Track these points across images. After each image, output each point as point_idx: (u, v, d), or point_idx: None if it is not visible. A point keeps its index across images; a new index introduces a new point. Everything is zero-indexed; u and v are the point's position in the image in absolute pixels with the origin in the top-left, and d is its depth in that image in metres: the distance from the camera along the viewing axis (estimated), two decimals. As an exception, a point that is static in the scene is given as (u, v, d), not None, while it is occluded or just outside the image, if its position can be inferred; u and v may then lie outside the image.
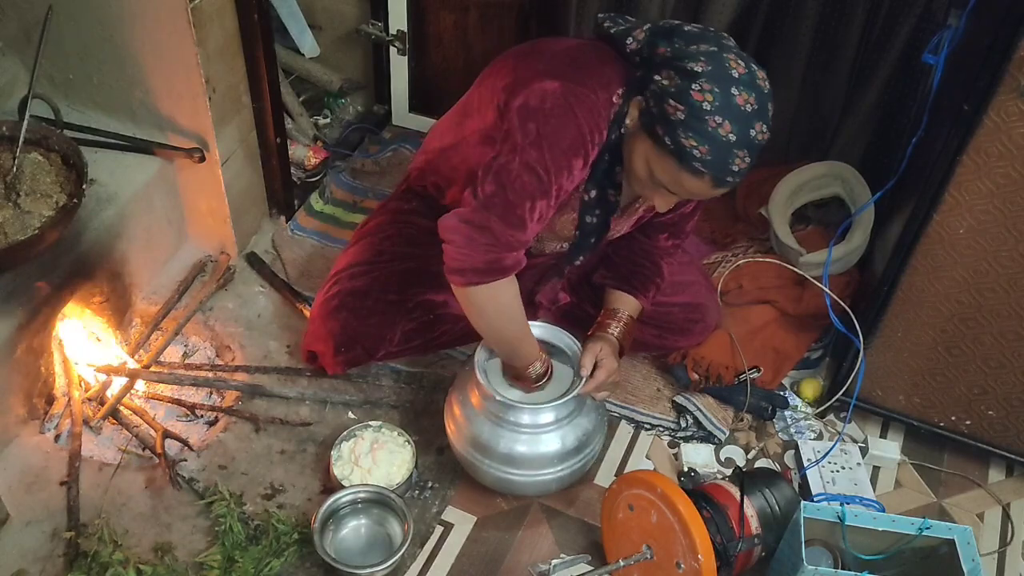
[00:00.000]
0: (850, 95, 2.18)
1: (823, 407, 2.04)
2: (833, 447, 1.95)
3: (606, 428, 1.84)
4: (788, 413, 2.06)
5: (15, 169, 1.76)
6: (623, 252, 1.86)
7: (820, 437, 2.03)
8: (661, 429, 2.02)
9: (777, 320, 2.09)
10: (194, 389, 1.99)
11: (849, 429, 2.04)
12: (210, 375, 2.00)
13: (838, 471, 1.92)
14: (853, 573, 1.54)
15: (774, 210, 2.16)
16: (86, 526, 1.71)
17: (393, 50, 2.59)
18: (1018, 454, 1.92)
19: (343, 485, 1.77)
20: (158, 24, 1.84)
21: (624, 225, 1.76)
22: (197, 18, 1.81)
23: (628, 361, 2.12)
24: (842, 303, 1.97)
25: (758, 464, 1.97)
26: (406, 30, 2.53)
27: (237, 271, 2.25)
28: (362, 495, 1.75)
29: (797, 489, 1.89)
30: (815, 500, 1.84)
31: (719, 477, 1.91)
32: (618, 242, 1.85)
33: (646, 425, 2.02)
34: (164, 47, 1.88)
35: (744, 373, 2.01)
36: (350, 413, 1.97)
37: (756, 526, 1.67)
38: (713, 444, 1.99)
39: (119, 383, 1.93)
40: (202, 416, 1.97)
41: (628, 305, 1.82)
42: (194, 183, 2.13)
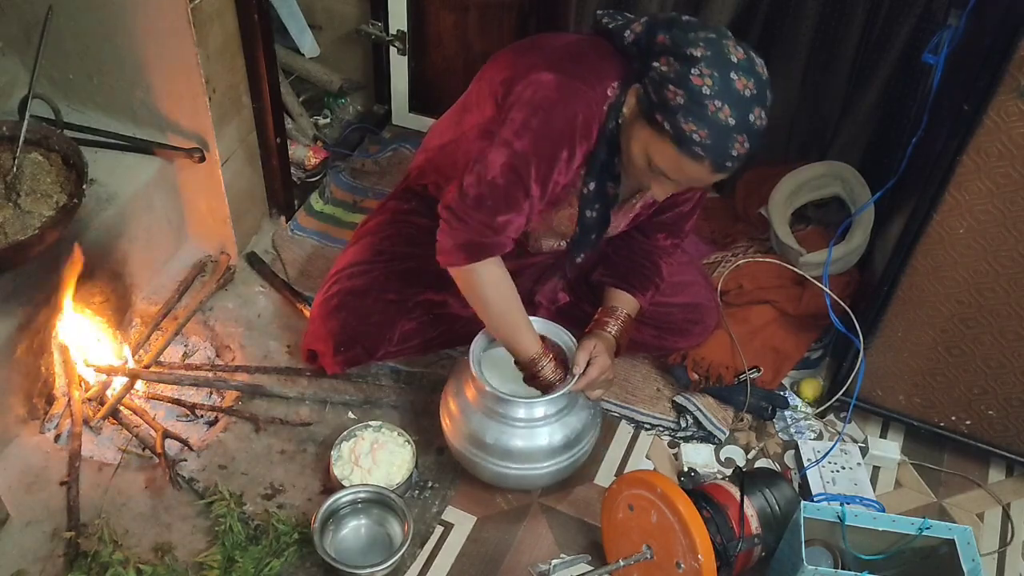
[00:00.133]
0: (850, 95, 2.18)
1: (823, 407, 2.04)
2: (833, 447, 1.95)
3: (600, 422, 1.83)
4: (788, 413, 2.06)
5: (15, 169, 1.76)
6: (622, 251, 1.86)
7: (820, 437, 2.03)
8: (661, 429, 2.02)
9: (777, 320, 2.09)
10: (194, 389, 1.99)
11: (849, 429, 2.04)
12: (210, 375, 2.00)
13: (838, 471, 1.92)
14: (853, 573, 1.53)
15: (774, 210, 2.16)
16: (86, 526, 1.71)
17: (393, 50, 2.59)
18: (1018, 454, 1.92)
19: (343, 485, 1.77)
20: (158, 24, 1.84)
21: (621, 222, 1.76)
22: (197, 18, 1.81)
23: (628, 361, 2.12)
24: (842, 303, 1.97)
25: (758, 464, 1.97)
26: (406, 30, 2.53)
27: (237, 271, 2.25)
28: (362, 495, 1.75)
29: (797, 489, 1.89)
30: (815, 500, 1.84)
31: (719, 477, 1.91)
32: (617, 241, 1.85)
33: (646, 425, 2.02)
34: (164, 47, 1.88)
35: (744, 373, 2.01)
36: (350, 413, 1.97)
37: (756, 526, 1.67)
38: (713, 444, 1.99)
39: (119, 383, 1.93)
40: (202, 416, 1.97)
41: (626, 304, 1.82)
42: (194, 183, 2.13)
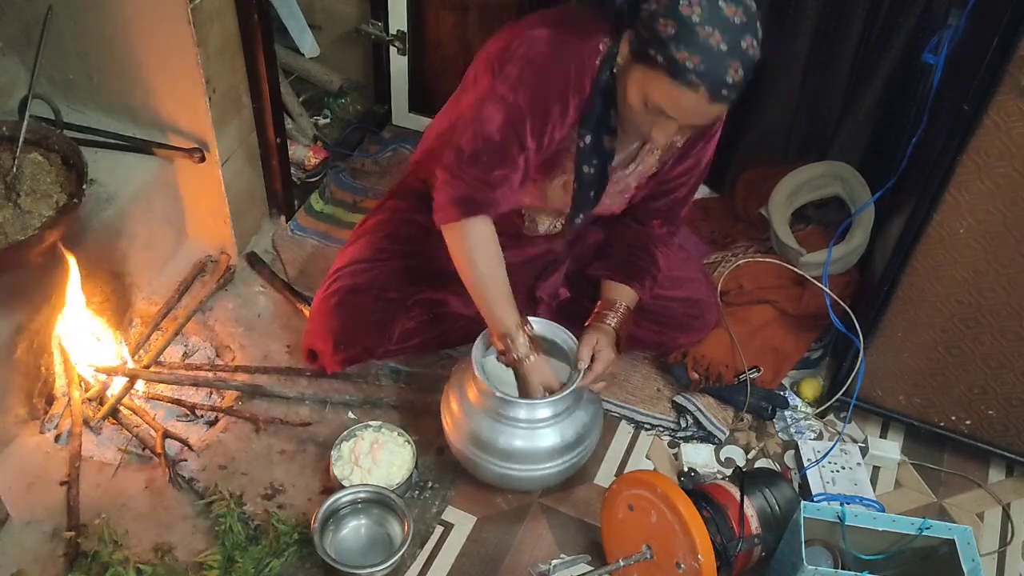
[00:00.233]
0: (850, 95, 2.18)
1: (823, 407, 2.04)
2: (833, 447, 1.95)
3: (602, 421, 1.83)
4: (788, 413, 2.06)
5: (15, 169, 1.76)
6: (618, 243, 1.87)
7: (820, 437, 2.03)
8: (661, 429, 2.02)
9: (777, 320, 2.09)
10: (194, 389, 1.99)
11: (849, 429, 2.04)
12: (210, 375, 2.00)
13: (838, 471, 1.92)
14: (853, 573, 1.54)
15: (774, 210, 2.16)
16: (86, 526, 1.71)
17: (393, 50, 2.59)
18: (1018, 454, 1.92)
19: (343, 485, 1.77)
20: (158, 24, 1.84)
21: (616, 199, 1.76)
22: (197, 18, 1.81)
23: (628, 361, 2.12)
24: (842, 303, 1.97)
25: (758, 464, 1.97)
26: (406, 30, 2.53)
27: (237, 271, 2.25)
28: (362, 495, 1.75)
29: (797, 489, 1.89)
30: (815, 500, 1.84)
31: (719, 477, 1.91)
32: (613, 233, 1.86)
33: (646, 425, 2.02)
34: (164, 47, 1.88)
35: (744, 373, 2.01)
36: (350, 413, 1.97)
37: (756, 526, 1.67)
38: (713, 444, 1.99)
39: (119, 383, 1.93)
40: (202, 416, 1.97)
41: (625, 296, 1.82)
42: (194, 183, 2.13)
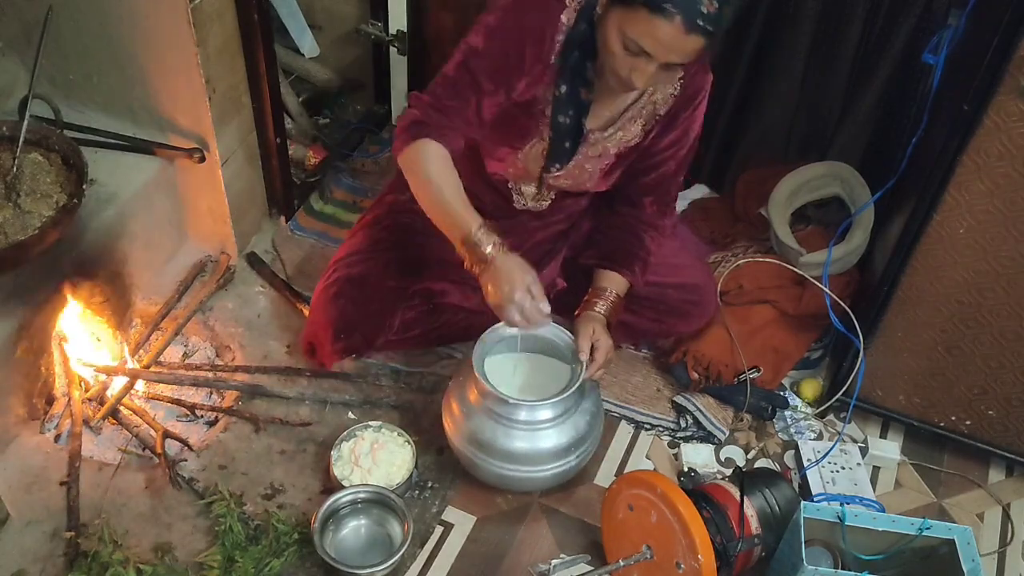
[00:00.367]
0: (850, 95, 2.18)
1: (823, 407, 2.04)
2: (833, 447, 1.95)
3: (603, 422, 1.83)
4: (788, 413, 2.06)
5: (15, 169, 1.76)
6: (608, 230, 1.89)
7: (820, 437, 2.03)
8: (661, 429, 2.02)
9: (777, 320, 2.09)
10: (194, 389, 1.99)
11: (849, 429, 2.04)
12: (210, 375, 2.00)
13: (838, 471, 1.92)
14: (853, 573, 1.53)
15: (774, 210, 2.16)
16: (86, 526, 1.71)
17: (393, 50, 2.59)
18: (1018, 454, 1.92)
19: (343, 485, 1.77)
20: (158, 24, 1.84)
21: (597, 165, 1.76)
22: (197, 18, 1.81)
23: (628, 361, 2.12)
24: (842, 303, 1.97)
25: (758, 464, 1.97)
26: (406, 30, 2.53)
27: (237, 271, 2.25)
28: (362, 495, 1.75)
29: (797, 489, 1.89)
30: (815, 500, 1.84)
31: (719, 477, 1.91)
32: (602, 221, 1.88)
33: (646, 425, 2.02)
34: (164, 47, 1.88)
35: (744, 373, 2.01)
36: (350, 413, 1.97)
37: (756, 526, 1.67)
38: (713, 444, 1.99)
39: (119, 383, 1.93)
40: (202, 416, 1.97)
41: (614, 283, 1.83)
42: (194, 183, 2.13)
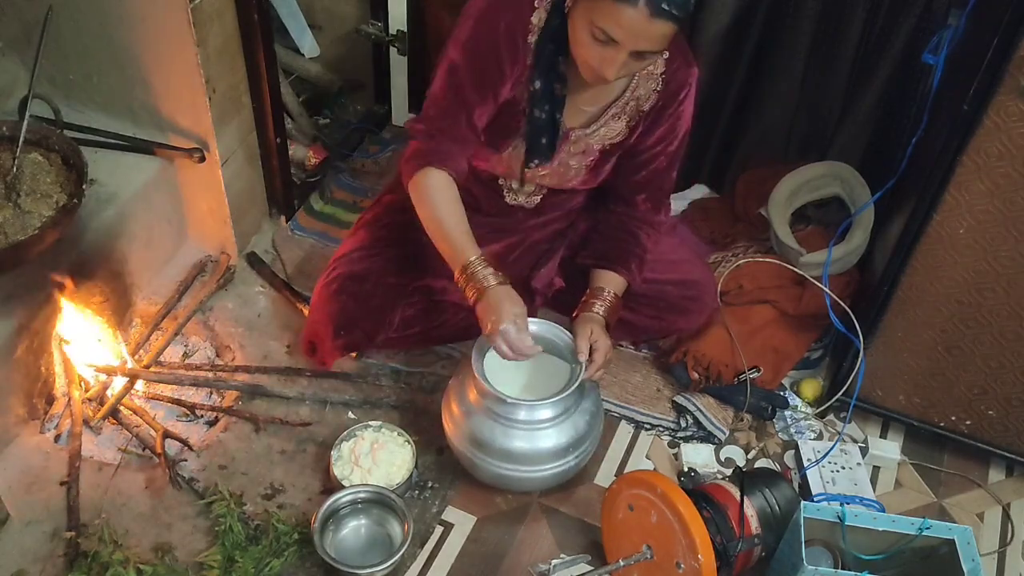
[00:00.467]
0: (850, 95, 2.18)
1: (823, 407, 2.04)
2: (833, 447, 1.95)
3: (602, 423, 1.83)
4: (788, 413, 2.06)
5: (15, 169, 1.76)
6: (602, 228, 1.89)
7: (820, 437, 2.03)
8: (661, 429, 2.02)
9: (777, 320, 2.09)
10: (194, 389, 1.99)
11: (849, 429, 2.04)
12: (210, 375, 2.00)
13: (838, 471, 1.92)
14: (853, 573, 1.53)
15: (774, 210, 2.16)
16: (86, 526, 1.71)
17: (393, 50, 2.59)
18: (1018, 454, 1.92)
19: (343, 485, 1.77)
20: (158, 24, 1.84)
21: (582, 161, 1.77)
22: (197, 18, 1.81)
23: (628, 361, 2.12)
24: (842, 303, 1.97)
25: (758, 464, 1.97)
26: (406, 30, 2.53)
27: (237, 271, 2.25)
28: (362, 495, 1.75)
29: (797, 489, 1.89)
30: (815, 500, 1.84)
31: (719, 477, 1.91)
32: (597, 220, 1.89)
33: (646, 425, 2.02)
34: (164, 47, 1.88)
35: (744, 373, 2.01)
36: (350, 413, 1.97)
37: (756, 526, 1.67)
38: (713, 444, 1.99)
39: (119, 383, 1.93)
40: (202, 416, 1.97)
41: (612, 282, 1.83)
42: (194, 183, 2.13)
